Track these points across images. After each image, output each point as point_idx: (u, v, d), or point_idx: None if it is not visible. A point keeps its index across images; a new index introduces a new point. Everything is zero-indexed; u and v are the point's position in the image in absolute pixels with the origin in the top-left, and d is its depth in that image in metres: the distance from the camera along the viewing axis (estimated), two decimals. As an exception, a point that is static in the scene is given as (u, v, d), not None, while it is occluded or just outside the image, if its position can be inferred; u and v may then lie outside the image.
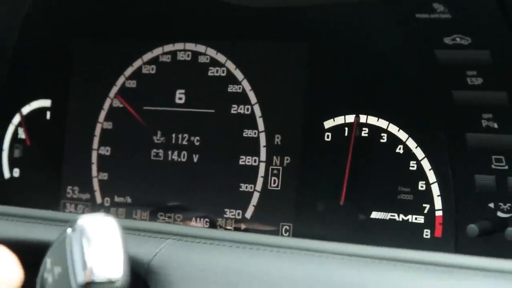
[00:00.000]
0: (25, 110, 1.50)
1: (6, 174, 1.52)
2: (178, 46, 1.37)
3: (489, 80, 1.08)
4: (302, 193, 1.25)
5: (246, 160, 1.30)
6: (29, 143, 1.50)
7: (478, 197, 1.13)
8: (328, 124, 1.24)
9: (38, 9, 1.48)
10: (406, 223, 1.18)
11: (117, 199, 1.40)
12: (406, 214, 1.18)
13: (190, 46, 1.36)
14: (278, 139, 1.28)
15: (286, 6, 1.25)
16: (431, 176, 1.17)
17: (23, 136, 1.51)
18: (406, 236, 1.18)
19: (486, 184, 1.12)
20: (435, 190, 1.17)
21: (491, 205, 1.12)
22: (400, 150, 1.19)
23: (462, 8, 1.03)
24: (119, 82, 1.42)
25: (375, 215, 1.20)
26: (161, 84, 1.38)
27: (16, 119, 1.51)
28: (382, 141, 1.21)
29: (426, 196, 1.17)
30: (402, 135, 1.19)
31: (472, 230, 1.09)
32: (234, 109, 1.31)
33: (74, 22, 1.47)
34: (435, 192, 1.17)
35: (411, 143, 1.18)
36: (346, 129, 1.23)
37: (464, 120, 1.12)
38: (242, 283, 0.88)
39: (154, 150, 1.38)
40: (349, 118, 1.23)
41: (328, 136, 1.24)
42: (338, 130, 1.23)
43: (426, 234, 1.17)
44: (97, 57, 1.45)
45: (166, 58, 1.38)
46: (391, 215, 1.19)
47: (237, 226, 1.30)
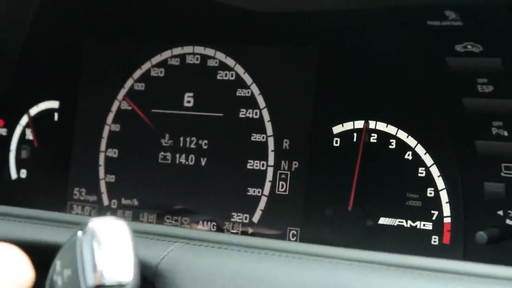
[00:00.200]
0: (33, 111, 1.50)
1: (13, 175, 1.52)
2: (187, 49, 1.37)
3: (500, 88, 1.07)
4: (310, 198, 1.25)
5: (254, 164, 1.30)
6: (36, 144, 1.50)
7: (487, 204, 1.13)
8: (336, 129, 1.24)
9: (47, 9, 1.48)
10: (414, 230, 1.18)
11: (124, 202, 1.40)
12: (414, 220, 1.18)
13: (199, 50, 1.36)
14: (286, 144, 1.28)
15: (296, 11, 1.25)
16: (440, 183, 1.17)
17: (31, 137, 1.50)
18: (414, 242, 1.17)
19: (495, 191, 1.12)
20: (444, 197, 1.16)
21: (500, 212, 1.12)
22: (409, 156, 1.19)
23: (474, 15, 1.03)
24: (128, 85, 1.42)
25: (383, 221, 1.20)
26: (169, 87, 1.38)
27: (24, 120, 1.51)
28: (391, 147, 1.20)
29: (435, 202, 1.17)
30: (411, 142, 1.19)
31: (481, 238, 1.09)
32: (243, 113, 1.31)
33: (83, 23, 1.47)
34: (444, 199, 1.16)
35: (420, 150, 1.18)
36: (355, 134, 1.23)
37: (474, 127, 1.12)
38: (249, 287, 0.87)
39: (162, 153, 1.38)
40: (358, 124, 1.23)
41: (336, 141, 1.24)
42: (346, 136, 1.23)
43: (434, 240, 1.17)
44: (105, 59, 1.45)
45: (175, 61, 1.38)
46: (399, 221, 1.19)
47: (244, 230, 1.30)
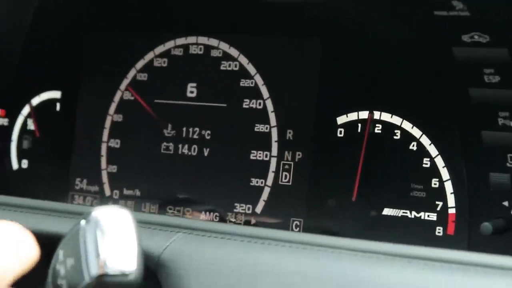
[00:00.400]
0: (34, 101, 1.50)
1: (15, 165, 1.51)
2: (191, 39, 1.37)
3: (506, 78, 1.07)
4: (313, 188, 1.25)
5: (257, 155, 1.29)
6: (38, 135, 1.50)
7: (492, 195, 1.12)
8: (341, 120, 1.24)
9: (50, 0, 1.47)
10: (418, 220, 1.18)
11: (126, 192, 1.40)
12: (418, 211, 1.18)
13: (203, 40, 1.36)
14: (290, 134, 1.27)
15: (301, 1, 1.25)
16: (445, 173, 1.16)
17: (33, 127, 1.50)
18: (419, 233, 1.17)
19: (500, 182, 1.11)
20: (449, 187, 1.16)
21: (506, 203, 1.12)
22: (413, 147, 1.19)
23: (481, 6, 1.02)
24: (130, 75, 1.41)
25: (387, 212, 1.20)
26: (172, 77, 1.38)
27: (25, 110, 1.51)
28: (395, 137, 1.20)
29: (439, 193, 1.16)
30: (416, 132, 1.18)
31: (486, 229, 1.09)
32: (246, 103, 1.31)
33: (86, 13, 1.46)
34: (449, 189, 1.16)
35: (425, 140, 1.18)
36: (359, 125, 1.22)
37: (480, 118, 1.11)
38: (253, 278, 0.87)
39: (165, 144, 1.37)
40: (362, 114, 1.22)
41: (340, 132, 1.24)
42: (351, 126, 1.23)
43: (439, 231, 1.16)
44: (108, 49, 1.44)
45: (178, 52, 1.38)
46: (403, 212, 1.19)
47: (247, 220, 1.29)
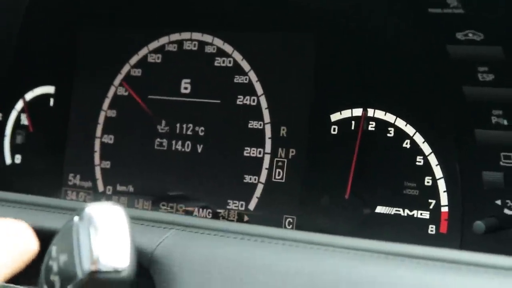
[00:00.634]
0: (28, 96, 1.50)
1: (8, 160, 1.51)
2: (185, 35, 1.36)
3: (500, 76, 1.07)
4: (306, 186, 1.25)
5: (250, 151, 1.29)
6: (31, 130, 1.49)
7: (485, 193, 1.13)
8: (334, 117, 1.24)
9: (44, -5, 1.47)
10: (411, 218, 1.18)
11: (119, 188, 1.40)
12: (411, 209, 1.18)
13: (197, 36, 1.36)
14: (283, 131, 1.27)
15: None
16: (438, 171, 1.16)
17: (26, 122, 1.50)
18: (411, 231, 1.17)
19: (493, 181, 1.11)
20: (442, 185, 1.16)
21: (498, 202, 1.12)
22: (407, 145, 1.19)
23: (475, 3, 1.02)
24: (124, 70, 1.41)
25: (380, 210, 1.20)
26: (166, 73, 1.37)
27: (19, 105, 1.50)
28: (389, 135, 1.20)
29: (432, 191, 1.17)
30: (410, 130, 1.18)
31: (478, 227, 1.09)
32: (240, 100, 1.31)
33: (80, 8, 1.46)
34: (441, 188, 1.16)
35: (419, 138, 1.18)
36: (353, 122, 1.22)
37: (473, 116, 1.11)
38: (245, 274, 0.87)
39: (158, 140, 1.37)
40: (356, 112, 1.22)
41: (334, 129, 1.24)
42: (344, 124, 1.23)
43: (431, 229, 1.16)
44: (102, 44, 1.44)
45: (172, 47, 1.37)
46: (396, 210, 1.19)
47: (240, 217, 1.29)
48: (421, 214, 1.17)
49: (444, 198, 1.16)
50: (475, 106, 1.11)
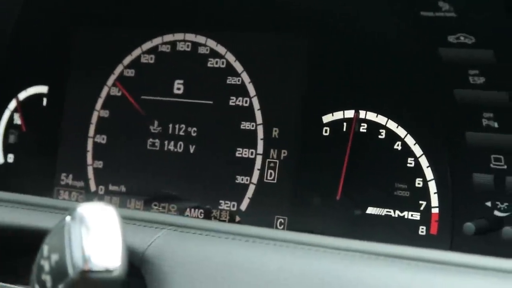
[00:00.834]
0: (21, 96, 1.49)
1: (0, 160, 1.51)
2: (178, 36, 1.37)
3: (491, 79, 1.08)
4: (298, 187, 1.25)
5: (243, 152, 1.30)
6: (24, 129, 1.49)
7: (475, 195, 1.13)
8: (326, 118, 1.24)
9: (37, -6, 1.47)
10: (401, 219, 1.18)
11: (111, 188, 1.40)
12: (402, 210, 1.18)
13: (190, 37, 1.36)
14: (275, 132, 1.28)
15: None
16: (429, 173, 1.17)
17: (19, 122, 1.50)
18: (402, 232, 1.17)
19: (484, 183, 1.12)
20: (432, 187, 1.16)
21: (488, 204, 1.12)
22: (398, 146, 1.19)
23: (467, 7, 1.03)
24: (117, 71, 1.41)
25: (371, 211, 1.20)
26: (159, 74, 1.38)
27: (12, 105, 1.50)
28: (380, 137, 1.20)
29: (423, 193, 1.17)
30: (401, 132, 1.19)
31: (468, 229, 1.09)
32: (233, 101, 1.31)
33: (74, 8, 1.46)
34: (432, 189, 1.16)
35: (410, 140, 1.18)
36: (345, 124, 1.23)
37: (464, 118, 1.12)
38: (236, 274, 0.88)
39: (151, 140, 1.37)
40: (348, 113, 1.22)
41: (326, 130, 1.24)
42: (336, 125, 1.23)
43: (422, 231, 1.17)
44: (95, 44, 1.44)
45: (166, 48, 1.38)
46: (387, 211, 1.19)
47: (231, 218, 1.30)
48: (411, 215, 1.18)
49: (434, 200, 1.16)
50: (466, 108, 1.11)
